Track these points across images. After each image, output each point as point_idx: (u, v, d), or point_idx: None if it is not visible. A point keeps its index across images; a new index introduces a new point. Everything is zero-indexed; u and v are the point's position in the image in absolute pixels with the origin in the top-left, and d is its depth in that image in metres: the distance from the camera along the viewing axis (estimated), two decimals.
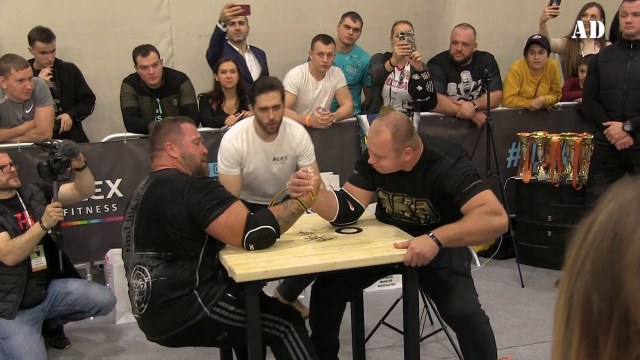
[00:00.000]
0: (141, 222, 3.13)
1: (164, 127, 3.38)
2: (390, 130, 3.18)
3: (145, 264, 3.09)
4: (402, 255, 3.09)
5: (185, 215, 3.03)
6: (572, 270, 0.77)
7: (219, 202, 3.07)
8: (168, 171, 3.23)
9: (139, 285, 3.10)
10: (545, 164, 5.86)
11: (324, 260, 3.06)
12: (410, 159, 3.27)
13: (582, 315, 0.74)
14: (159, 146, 3.31)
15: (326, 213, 3.46)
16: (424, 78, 5.45)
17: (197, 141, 3.39)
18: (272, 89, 4.10)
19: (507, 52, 6.67)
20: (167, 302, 3.04)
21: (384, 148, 3.20)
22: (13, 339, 4.12)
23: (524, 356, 4.23)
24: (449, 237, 3.11)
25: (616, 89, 5.00)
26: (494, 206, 3.17)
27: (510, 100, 6.14)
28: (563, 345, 0.76)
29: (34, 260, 4.26)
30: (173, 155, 3.29)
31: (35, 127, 5.06)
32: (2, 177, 4.23)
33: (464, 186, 3.17)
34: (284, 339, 3.20)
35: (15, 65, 4.77)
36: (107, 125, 6.13)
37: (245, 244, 3.08)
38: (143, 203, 3.14)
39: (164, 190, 3.10)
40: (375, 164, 3.30)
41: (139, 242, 3.14)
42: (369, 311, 4.71)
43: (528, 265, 5.72)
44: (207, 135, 5.50)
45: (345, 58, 6.14)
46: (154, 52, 5.30)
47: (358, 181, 3.53)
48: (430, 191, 3.31)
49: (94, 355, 4.49)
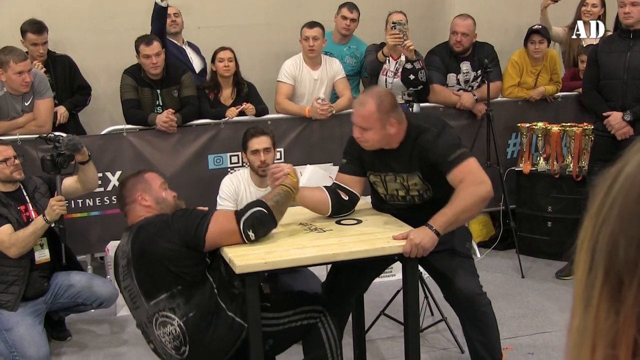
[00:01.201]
0: (140, 272, 3.08)
1: (128, 182, 3.35)
2: (374, 101, 3.24)
3: (164, 308, 3.04)
4: (401, 246, 3.10)
5: (179, 244, 2.99)
6: (597, 218, 0.78)
7: (202, 217, 3.06)
8: (147, 218, 3.19)
9: (170, 332, 3.04)
10: (545, 155, 5.86)
11: (323, 252, 3.06)
12: (396, 133, 3.29)
13: (607, 259, 0.76)
14: (130, 200, 3.28)
15: (319, 208, 3.47)
16: (416, 67, 5.49)
17: (164, 185, 3.37)
18: (263, 134, 4.36)
19: (508, 43, 6.66)
20: (209, 332, 3.01)
21: (369, 119, 3.23)
22: (16, 331, 4.14)
23: (524, 346, 4.24)
24: (445, 223, 3.13)
25: (616, 79, 5.00)
26: (477, 175, 3.20)
27: (510, 91, 6.13)
28: (585, 289, 0.78)
29: (37, 253, 4.27)
30: (146, 204, 3.25)
31: (34, 120, 5.06)
32: (6, 170, 4.24)
33: (448, 155, 3.21)
34: (319, 324, 3.22)
35: (14, 58, 4.76)
36: (107, 118, 6.13)
37: (244, 235, 3.05)
38: (134, 255, 3.08)
39: (148, 232, 3.08)
40: (360, 138, 3.31)
41: (148, 292, 3.07)
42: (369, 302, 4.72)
43: (528, 256, 5.73)
44: (207, 127, 5.51)
45: (343, 49, 6.14)
46: (157, 41, 5.28)
47: (347, 169, 3.54)
48: (418, 164, 3.32)
49: (95, 346, 4.50)
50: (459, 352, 4.16)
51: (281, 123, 5.66)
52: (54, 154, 4.19)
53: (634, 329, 0.73)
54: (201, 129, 5.51)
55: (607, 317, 0.75)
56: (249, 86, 5.73)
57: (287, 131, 5.65)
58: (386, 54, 5.63)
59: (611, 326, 0.74)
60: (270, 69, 6.29)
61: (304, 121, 5.66)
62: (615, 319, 0.74)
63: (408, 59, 5.51)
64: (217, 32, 6.34)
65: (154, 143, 5.36)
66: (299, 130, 5.66)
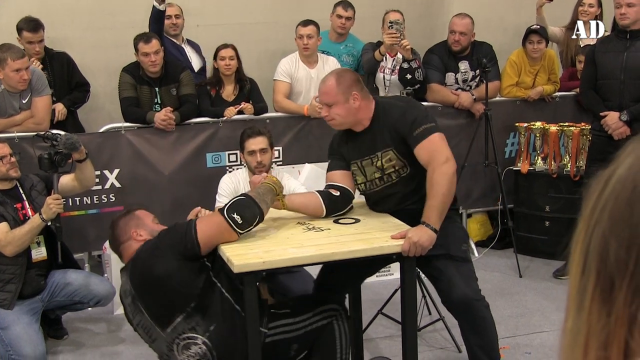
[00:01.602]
0: (149, 304, 3.04)
1: (120, 221, 3.30)
2: (334, 76, 3.37)
3: (184, 331, 2.99)
4: (399, 245, 3.10)
5: (174, 258, 2.96)
6: (590, 220, 0.80)
7: (187, 225, 3.04)
8: (135, 252, 3.14)
9: (196, 352, 2.99)
10: (543, 155, 5.86)
11: (322, 251, 3.05)
12: (361, 108, 3.34)
13: (599, 261, 0.77)
14: (125, 238, 3.23)
15: (312, 210, 3.44)
16: (413, 66, 5.52)
17: (156, 220, 3.34)
18: (259, 134, 4.39)
19: (506, 42, 6.66)
20: (233, 339, 2.99)
21: (330, 93, 3.32)
22: (12, 329, 4.14)
23: (521, 346, 4.24)
24: (437, 216, 3.16)
25: (613, 79, 5.00)
26: (442, 154, 3.23)
27: (509, 91, 6.13)
28: (578, 291, 0.79)
29: (34, 251, 4.27)
30: (141, 238, 3.19)
31: (32, 117, 5.05)
32: (3, 168, 4.23)
33: (415, 129, 3.25)
34: (334, 322, 3.22)
35: (12, 55, 4.75)
36: (105, 115, 6.12)
37: (230, 220, 3.00)
38: (136, 290, 3.04)
39: (142, 260, 3.05)
40: (328, 117, 3.37)
41: (161, 321, 3.02)
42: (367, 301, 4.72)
43: (526, 255, 5.74)
44: (205, 126, 5.51)
45: (340, 47, 6.14)
46: (156, 39, 5.28)
47: (334, 165, 3.56)
48: (390, 138, 3.34)
49: (92, 345, 4.50)
50: (456, 352, 4.16)
51: (279, 121, 5.66)
52: (51, 152, 4.18)
53: (624, 330, 0.73)
54: (199, 127, 5.51)
55: (599, 319, 0.76)
56: (251, 83, 5.73)
57: (285, 130, 5.65)
58: (383, 52, 5.65)
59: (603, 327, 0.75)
60: (267, 67, 6.30)
61: (302, 120, 5.66)
62: (607, 320, 0.75)
63: (405, 58, 5.52)
64: (216, 31, 6.33)
65: (152, 141, 5.36)
66: (297, 128, 5.66)
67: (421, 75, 5.60)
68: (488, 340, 3.47)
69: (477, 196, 6.15)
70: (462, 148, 5.84)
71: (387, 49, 5.59)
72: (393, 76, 5.79)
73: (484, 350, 3.47)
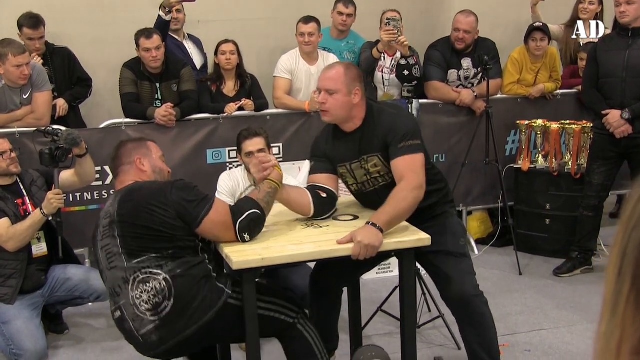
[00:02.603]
0: (125, 232, 2.96)
1: (129, 144, 3.28)
2: (342, 66, 3.33)
3: (149, 266, 2.93)
4: (395, 242, 3.10)
5: (174, 215, 2.92)
6: (628, 224, 0.80)
7: (203, 199, 3.00)
8: (137, 182, 3.10)
9: (153, 287, 2.91)
10: (544, 152, 5.85)
11: (320, 248, 3.05)
12: (358, 106, 3.29)
13: (635, 265, 0.76)
14: (127, 160, 3.18)
15: (301, 208, 3.38)
16: (410, 63, 5.54)
17: (163, 159, 3.32)
18: (256, 135, 4.31)
19: (507, 39, 6.65)
20: (196, 289, 2.93)
21: (337, 80, 3.25)
22: (13, 324, 4.15)
23: (521, 343, 4.24)
24: (387, 222, 3.10)
25: (615, 77, 4.99)
26: (417, 178, 3.19)
27: (510, 88, 6.13)
28: (613, 294, 0.78)
29: (35, 246, 4.27)
30: (143, 168, 3.17)
31: (33, 113, 5.05)
32: (3, 164, 4.23)
33: (402, 141, 3.20)
34: (297, 324, 3.17)
35: (12, 51, 4.75)
36: (105, 111, 6.12)
37: (240, 235, 3.01)
38: (120, 215, 2.96)
39: (141, 196, 2.98)
40: (325, 105, 3.28)
41: (132, 252, 2.95)
42: (366, 298, 4.73)
43: (526, 253, 5.74)
44: (206, 122, 5.51)
45: (341, 44, 6.14)
46: (157, 35, 5.28)
47: (317, 167, 3.49)
48: (377, 144, 3.29)
49: (92, 340, 4.50)
50: (456, 349, 4.16)
51: (280, 118, 5.66)
52: (52, 147, 4.18)
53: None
54: (200, 123, 5.51)
55: (632, 323, 0.75)
56: (252, 79, 5.72)
57: (286, 126, 5.65)
58: (381, 50, 5.66)
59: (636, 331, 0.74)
60: (267, 63, 6.30)
61: (303, 116, 5.66)
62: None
63: (402, 55, 5.53)
64: (216, 27, 6.33)
65: (152, 137, 5.28)
66: (298, 125, 5.65)
67: (419, 72, 5.62)
68: (487, 336, 3.47)
69: (477, 194, 6.15)
70: (462, 145, 5.84)
71: (385, 46, 5.60)
72: (392, 75, 5.80)
73: (483, 347, 3.47)
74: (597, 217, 5.30)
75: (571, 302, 4.84)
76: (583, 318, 4.55)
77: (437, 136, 5.93)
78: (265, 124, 5.51)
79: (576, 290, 5.06)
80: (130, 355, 4.25)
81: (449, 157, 6.02)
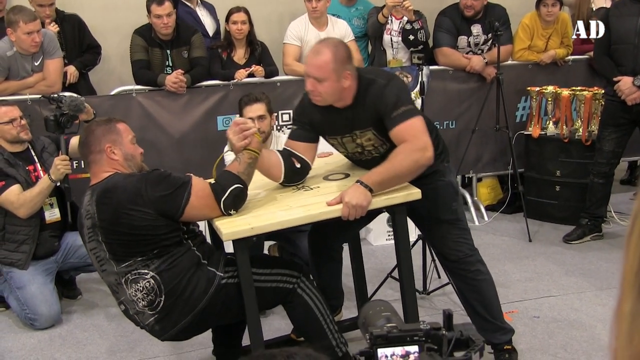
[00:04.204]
0: (110, 240, 2.94)
1: (98, 128, 3.10)
2: (331, 50, 3.06)
3: (136, 268, 2.95)
4: (389, 198, 3.07)
5: (153, 214, 2.87)
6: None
7: (180, 187, 2.93)
8: (112, 178, 3.01)
9: (144, 286, 2.95)
10: (554, 119, 5.83)
11: (309, 212, 3.00)
12: (349, 87, 3.13)
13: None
14: (97, 148, 3.05)
15: (272, 172, 3.29)
16: (415, 27, 5.58)
17: (134, 140, 3.17)
18: (256, 101, 4.23)
19: (518, 5, 6.59)
20: (185, 281, 2.96)
21: (325, 69, 3.06)
22: (27, 289, 4.22)
23: (529, 310, 4.27)
24: (378, 182, 3.02)
25: (627, 43, 4.95)
26: (420, 140, 3.05)
27: (521, 54, 6.09)
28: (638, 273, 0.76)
29: (48, 212, 4.32)
30: (114, 157, 3.05)
31: (44, 80, 5.06)
32: (13, 131, 4.26)
33: (393, 110, 3.07)
34: (298, 289, 3.17)
35: (23, 18, 4.75)
36: (116, 78, 6.12)
37: (225, 212, 2.97)
38: (100, 220, 2.92)
39: (118, 199, 2.90)
40: (314, 92, 3.13)
41: (118, 257, 2.96)
42: (375, 265, 4.77)
43: (536, 219, 5.74)
44: (216, 88, 5.51)
45: (350, 10, 6.10)
46: (168, 1, 5.26)
47: (298, 135, 3.37)
48: (370, 118, 3.18)
49: (104, 305, 4.55)
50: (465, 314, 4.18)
51: (290, 85, 5.65)
52: (57, 114, 4.20)
53: None
54: (210, 90, 5.51)
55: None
56: (262, 46, 5.71)
57: (296, 92, 5.62)
58: (386, 15, 5.69)
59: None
60: (276, 29, 6.27)
61: None
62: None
63: (407, 20, 5.53)
64: None
65: (163, 104, 5.37)
66: None
67: (424, 37, 5.65)
68: (485, 294, 3.47)
69: (487, 160, 6.15)
70: (473, 112, 5.83)
71: (390, 10, 5.61)
72: (400, 38, 5.80)
73: (484, 305, 3.47)
74: (608, 184, 5.30)
75: (580, 269, 4.86)
76: (592, 285, 4.57)
77: (447, 103, 5.92)
78: (275, 91, 5.51)
79: (585, 257, 5.07)
80: None
81: (459, 124, 6.00)
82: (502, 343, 3.53)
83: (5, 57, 4.92)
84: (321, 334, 3.23)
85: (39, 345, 4.07)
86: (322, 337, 3.23)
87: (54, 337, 4.16)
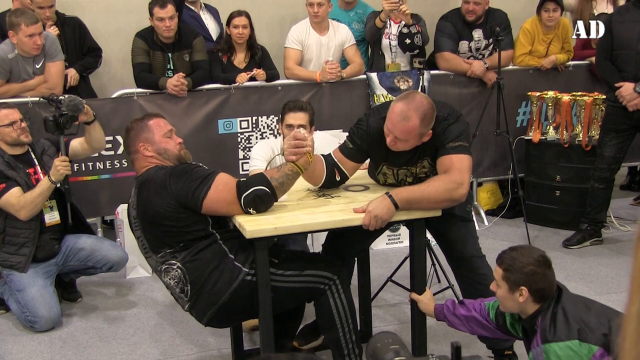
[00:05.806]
0: (145, 228, 3.15)
1: (133, 129, 3.28)
2: (419, 117, 3.07)
3: (166, 260, 3.12)
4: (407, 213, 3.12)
5: (175, 205, 3.00)
6: None
7: (202, 180, 3.02)
8: (148, 171, 3.18)
9: (174, 276, 3.11)
10: (555, 124, 5.84)
11: (333, 217, 3.07)
12: (427, 138, 3.21)
13: None
14: (133, 149, 3.25)
15: (313, 179, 3.39)
16: (412, 31, 5.61)
17: (169, 134, 3.29)
18: (301, 110, 4.18)
19: (519, 10, 6.60)
20: (208, 272, 3.06)
21: (411, 134, 3.12)
22: (27, 291, 4.22)
23: None
24: (407, 199, 3.08)
25: (629, 49, 4.95)
26: (462, 176, 3.12)
27: (521, 59, 6.10)
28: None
29: (47, 215, 4.32)
30: (148, 154, 3.22)
31: (45, 82, 5.07)
32: (14, 133, 4.26)
33: (451, 142, 3.16)
34: (328, 291, 3.22)
35: (25, 21, 4.75)
36: (117, 81, 6.13)
37: (245, 209, 3.04)
38: (139, 210, 3.14)
39: (148, 191, 3.09)
40: (393, 146, 3.18)
41: (154, 247, 3.15)
42: (377, 268, 4.77)
43: (536, 224, 5.74)
44: (217, 92, 5.52)
45: (350, 14, 6.12)
46: (171, 4, 5.26)
47: (352, 155, 3.40)
48: (429, 150, 3.26)
49: (105, 308, 4.56)
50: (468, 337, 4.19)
51: (291, 89, 5.66)
52: (56, 114, 4.19)
53: None
54: (211, 93, 5.52)
55: None
56: (262, 50, 5.72)
57: (297, 97, 5.62)
58: (383, 19, 5.70)
59: None
60: (277, 32, 6.28)
61: (314, 87, 5.66)
62: None
63: (405, 24, 5.55)
64: None
65: (164, 107, 5.37)
66: (309, 96, 5.65)
67: (420, 41, 5.69)
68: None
69: (487, 165, 6.16)
70: (473, 117, 5.83)
71: (387, 15, 5.63)
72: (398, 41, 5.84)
73: None
74: (608, 189, 5.30)
75: (580, 274, 4.86)
76: (592, 289, 4.57)
77: None
78: (276, 95, 5.52)
79: (585, 262, 5.08)
80: (142, 323, 4.32)
81: None
82: (503, 349, 3.54)
83: (6, 60, 4.93)
84: (336, 341, 3.30)
85: (38, 347, 4.07)
86: (336, 344, 3.31)
87: (54, 339, 4.16)
